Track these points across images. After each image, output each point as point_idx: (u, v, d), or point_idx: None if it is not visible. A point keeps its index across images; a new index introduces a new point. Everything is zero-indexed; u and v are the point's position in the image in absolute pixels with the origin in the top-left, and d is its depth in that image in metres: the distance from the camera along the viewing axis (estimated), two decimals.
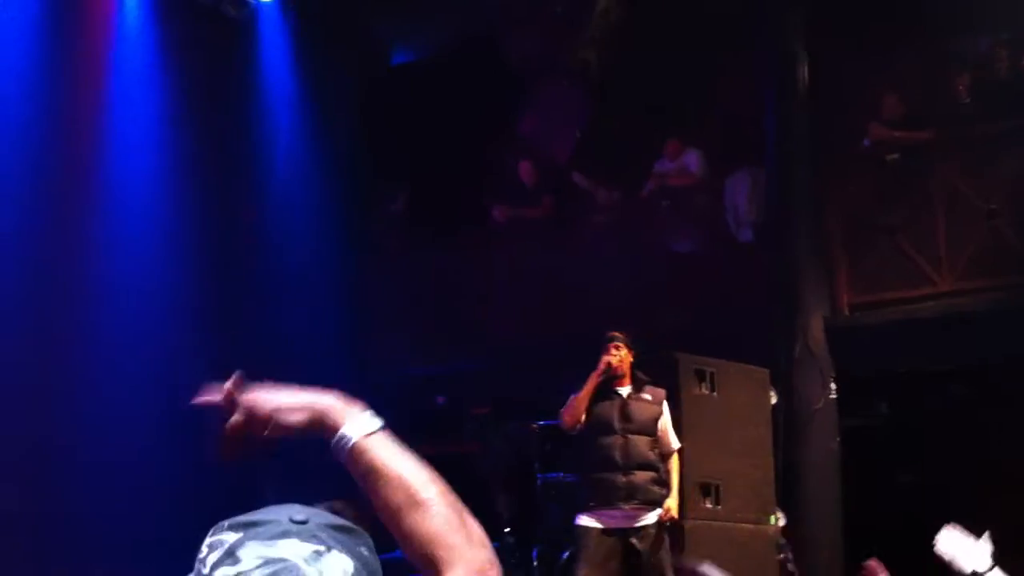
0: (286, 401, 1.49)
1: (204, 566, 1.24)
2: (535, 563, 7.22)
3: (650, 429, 6.11)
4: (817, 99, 8.33)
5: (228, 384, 1.49)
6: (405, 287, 9.80)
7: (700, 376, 6.90)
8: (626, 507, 5.97)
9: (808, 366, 7.73)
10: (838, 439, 7.71)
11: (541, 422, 7.43)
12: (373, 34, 10.30)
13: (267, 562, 1.21)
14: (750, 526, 6.83)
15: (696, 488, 6.61)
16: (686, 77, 9.21)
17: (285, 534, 1.24)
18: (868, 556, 6.31)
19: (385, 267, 10.01)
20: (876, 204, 8.34)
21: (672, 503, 6.10)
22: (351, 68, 10.25)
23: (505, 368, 8.80)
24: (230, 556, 1.23)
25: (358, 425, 1.45)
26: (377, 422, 1.47)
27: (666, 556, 6.02)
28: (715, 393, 6.92)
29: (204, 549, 1.26)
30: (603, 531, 5.98)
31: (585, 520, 6.04)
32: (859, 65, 8.55)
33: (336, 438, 1.44)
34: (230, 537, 1.25)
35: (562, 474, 7.27)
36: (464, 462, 8.25)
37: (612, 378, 6.17)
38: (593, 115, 10.33)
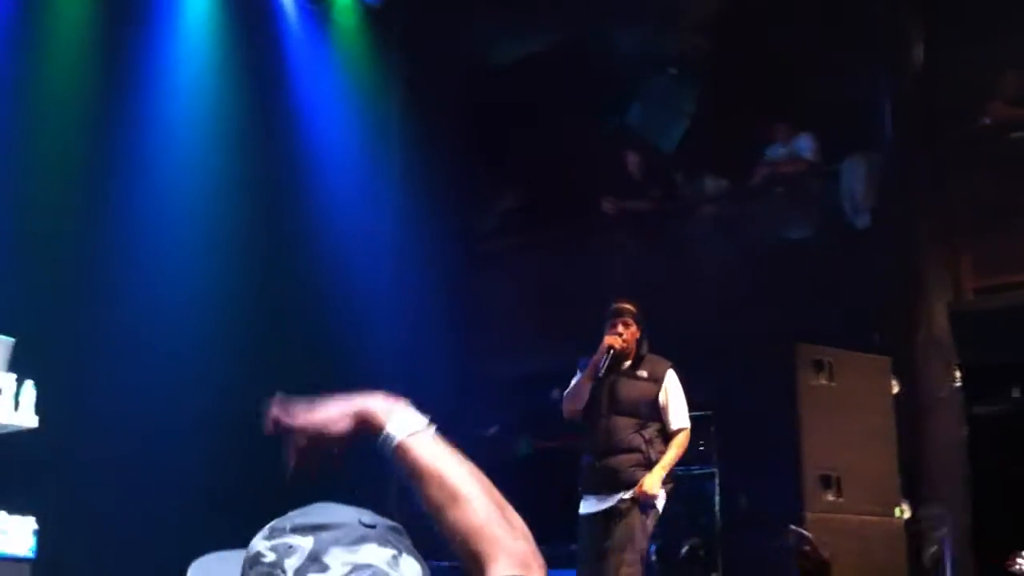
0: (330, 412, 1.50)
1: (281, 571, 1.24)
2: (654, 558, 7.18)
3: (637, 410, 5.60)
4: (933, 78, 8.10)
5: (272, 411, 1.52)
6: (517, 283, 9.85)
7: (818, 366, 6.76)
8: (604, 492, 5.55)
9: (931, 353, 7.51)
10: (965, 428, 7.48)
11: None
12: (476, 32, 10.36)
13: (355, 568, 1.23)
14: (874, 518, 6.67)
15: (816, 480, 6.49)
16: (795, 59, 9.06)
17: (364, 539, 1.26)
18: (997, 546, 6.13)
19: (495, 263, 10.09)
20: (998, 184, 8.05)
21: (649, 479, 5.48)
22: (455, 67, 10.33)
23: None
24: (316, 561, 1.23)
25: (401, 424, 1.45)
26: (421, 420, 1.47)
27: (634, 529, 5.47)
28: (834, 383, 6.78)
29: (267, 553, 1.26)
30: (591, 517, 5.60)
31: (582, 508, 5.68)
32: (976, 42, 8.27)
33: (381, 438, 1.45)
34: (301, 541, 1.26)
35: (682, 469, 7.17)
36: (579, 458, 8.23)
37: (618, 358, 5.69)
38: (701, 102, 10.22)
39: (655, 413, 5.58)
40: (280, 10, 9.26)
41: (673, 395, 5.64)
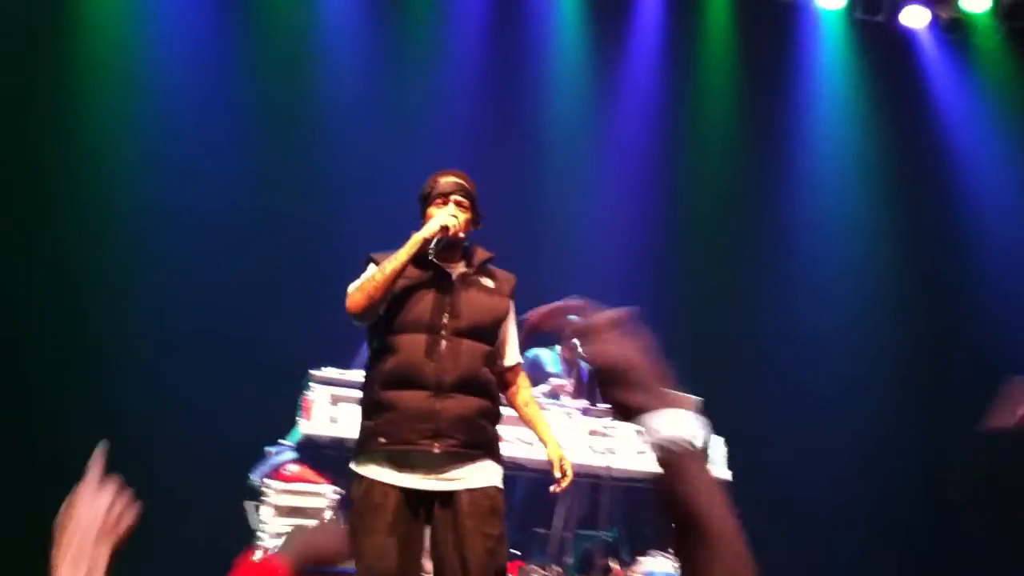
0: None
1: None
2: None
3: (487, 331, 3.71)
4: None
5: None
6: None
7: None
8: (436, 449, 3.51)
9: None
10: None
11: None
12: None
13: None
14: None
15: None
16: None
17: None
18: None
19: None
20: None
21: (560, 451, 3.78)
22: None
23: None
24: None
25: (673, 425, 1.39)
26: (700, 436, 1.41)
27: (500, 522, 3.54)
28: None
29: None
30: (401, 492, 3.50)
31: (370, 466, 3.57)
32: None
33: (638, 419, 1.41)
34: None
35: None
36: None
37: (444, 248, 3.68)
38: None
39: (496, 341, 3.78)
40: (916, 42, 9.09)
41: (513, 319, 3.88)
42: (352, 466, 3.61)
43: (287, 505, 5.39)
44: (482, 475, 3.55)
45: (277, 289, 7.17)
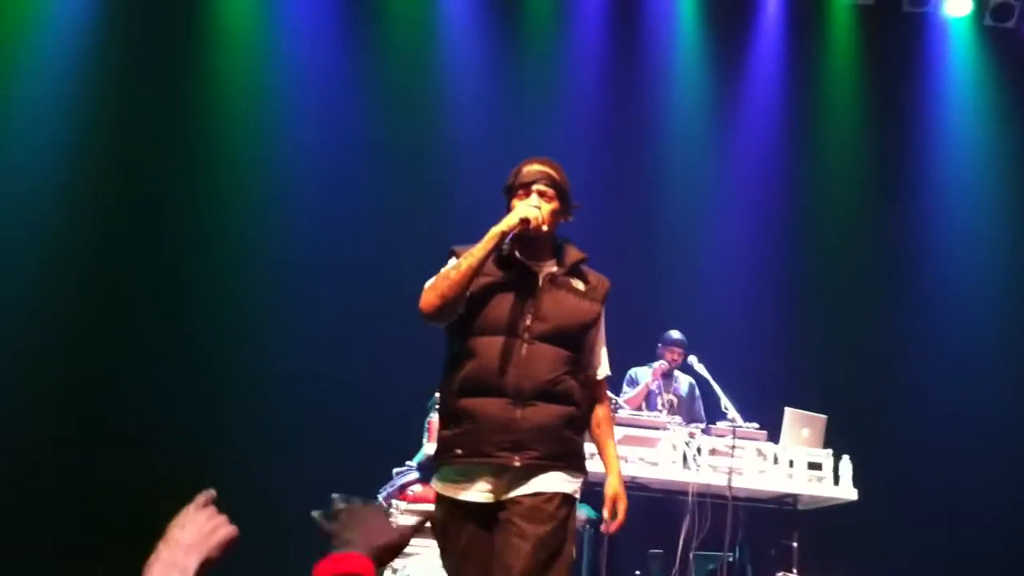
0: None
1: None
2: None
3: (570, 337, 3.33)
4: None
5: None
6: None
7: None
8: (516, 463, 3.18)
9: None
10: None
11: None
12: None
13: None
14: None
15: None
16: None
17: None
18: None
19: None
20: None
21: (617, 489, 3.41)
22: None
23: None
24: None
25: None
26: None
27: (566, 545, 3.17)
28: None
29: None
30: (478, 510, 3.21)
31: (448, 485, 3.28)
32: None
33: None
34: None
35: None
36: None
37: (523, 243, 3.34)
38: None
39: (583, 348, 3.40)
40: None
41: (603, 327, 3.51)
42: (432, 483, 3.37)
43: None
44: (550, 483, 3.21)
45: (405, 314, 7.33)
